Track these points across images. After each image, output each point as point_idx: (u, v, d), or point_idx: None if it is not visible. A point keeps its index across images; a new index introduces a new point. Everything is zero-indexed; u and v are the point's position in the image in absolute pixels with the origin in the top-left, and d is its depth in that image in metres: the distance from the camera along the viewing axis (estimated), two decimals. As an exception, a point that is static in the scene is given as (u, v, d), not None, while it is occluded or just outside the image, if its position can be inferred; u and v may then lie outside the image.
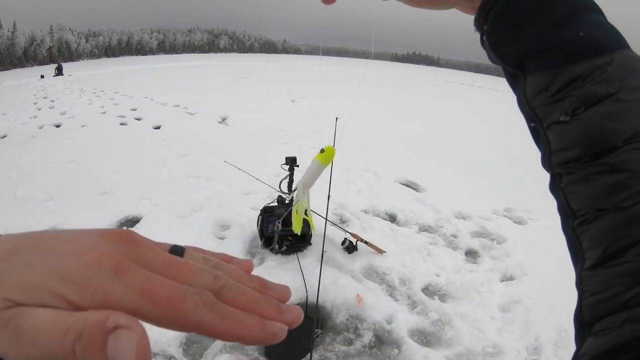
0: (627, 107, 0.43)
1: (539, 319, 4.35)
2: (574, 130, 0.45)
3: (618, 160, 0.43)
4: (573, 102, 0.45)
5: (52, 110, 15.08)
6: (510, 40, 0.49)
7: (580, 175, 0.46)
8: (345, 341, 4.06)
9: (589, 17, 0.46)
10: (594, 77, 0.44)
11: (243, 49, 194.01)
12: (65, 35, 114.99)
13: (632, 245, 0.41)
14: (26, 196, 6.76)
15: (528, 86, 0.49)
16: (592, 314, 0.44)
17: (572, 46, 0.45)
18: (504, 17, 0.48)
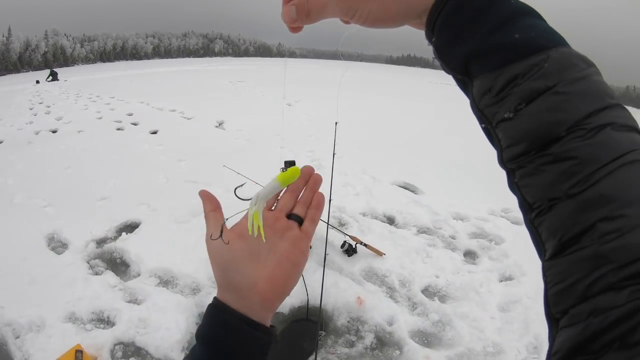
0: (566, 99, 0.45)
1: (539, 318, 4.36)
2: (518, 125, 0.48)
3: (563, 149, 0.45)
4: (515, 99, 0.47)
5: (48, 115, 15.03)
6: (453, 49, 0.52)
7: (530, 168, 0.48)
8: (347, 343, 4.07)
9: (524, 20, 0.49)
10: (532, 74, 0.46)
11: (238, 53, 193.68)
12: (60, 40, 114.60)
13: (586, 230, 0.43)
14: (24, 202, 6.75)
15: (475, 89, 0.52)
16: (557, 305, 0.45)
17: (509, 48, 0.48)
18: (446, 28, 0.51)
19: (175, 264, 4.93)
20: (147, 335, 3.97)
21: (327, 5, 0.57)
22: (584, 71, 0.47)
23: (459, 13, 0.50)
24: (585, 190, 0.43)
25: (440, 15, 0.51)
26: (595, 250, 0.41)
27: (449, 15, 0.51)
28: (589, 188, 0.43)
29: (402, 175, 8.42)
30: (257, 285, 0.66)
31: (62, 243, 5.56)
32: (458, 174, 8.66)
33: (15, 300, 4.33)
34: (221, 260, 0.68)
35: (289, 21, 0.61)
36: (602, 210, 0.42)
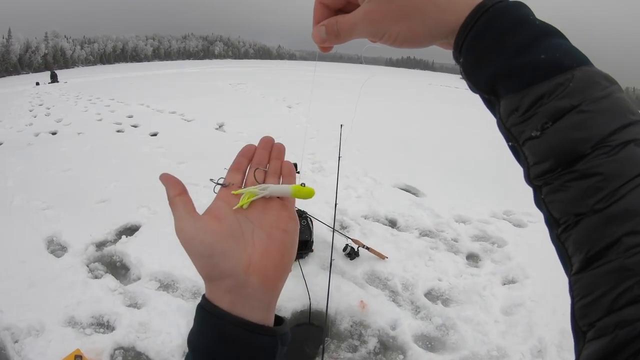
0: (591, 117, 0.46)
1: (542, 321, 4.35)
2: (545, 143, 0.49)
3: (588, 165, 0.45)
4: (541, 118, 0.48)
5: (48, 117, 15.04)
6: (480, 70, 0.53)
7: (557, 185, 0.48)
8: (350, 348, 4.04)
9: (549, 41, 0.50)
10: (557, 94, 0.47)
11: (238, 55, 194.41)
12: (60, 42, 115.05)
13: (612, 244, 0.43)
14: (23, 205, 6.73)
15: (502, 108, 0.53)
16: (584, 318, 0.45)
17: (534, 68, 0.49)
18: (473, 50, 0.52)
19: (176, 267, 4.89)
20: (148, 339, 3.94)
21: (356, 27, 0.59)
22: (607, 89, 0.48)
23: (486, 35, 0.51)
24: (611, 205, 0.44)
25: (467, 38, 0.53)
26: (621, 264, 0.42)
27: (476, 38, 0.52)
28: (614, 203, 0.44)
29: (403, 178, 8.41)
30: (252, 265, 0.58)
31: (61, 246, 5.53)
32: (460, 177, 8.64)
33: (14, 304, 4.30)
34: (202, 247, 0.58)
35: (319, 41, 0.64)
36: (627, 225, 0.42)
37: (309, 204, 6.00)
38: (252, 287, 0.58)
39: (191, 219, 0.61)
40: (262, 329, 0.57)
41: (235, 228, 0.61)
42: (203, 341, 0.56)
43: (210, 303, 0.58)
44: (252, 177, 0.70)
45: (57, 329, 4.03)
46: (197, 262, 0.60)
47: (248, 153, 0.74)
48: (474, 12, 0.52)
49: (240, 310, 0.57)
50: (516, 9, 0.51)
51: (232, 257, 0.58)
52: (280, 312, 4.31)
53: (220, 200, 0.66)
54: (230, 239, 0.60)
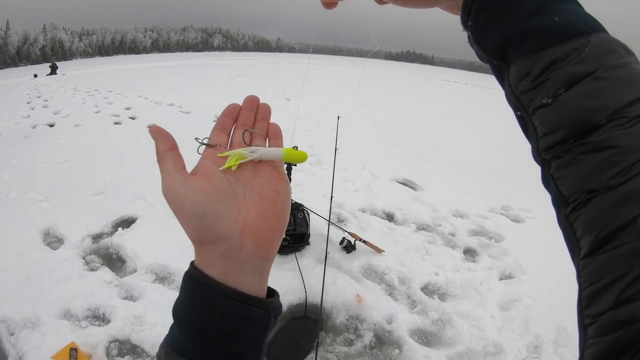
0: (606, 84, 0.43)
1: (539, 317, 4.35)
2: (557, 111, 0.45)
3: (603, 137, 0.42)
4: (554, 84, 0.45)
5: (45, 109, 14.98)
6: (490, 33, 0.50)
7: (568, 158, 0.45)
8: (346, 342, 4.04)
9: (563, 5, 0.47)
10: (572, 59, 0.44)
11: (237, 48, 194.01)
12: (58, 34, 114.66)
13: (627, 225, 0.39)
14: (20, 197, 6.70)
15: (511, 75, 0.50)
16: (589, 308, 0.41)
17: (548, 31, 0.46)
18: (483, 11, 0.50)
19: (172, 260, 4.88)
20: (143, 332, 3.93)
21: None
22: (624, 58, 0.45)
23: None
24: (626, 182, 0.41)
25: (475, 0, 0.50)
26: (635, 247, 0.38)
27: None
28: (630, 180, 0.40)
29: (401, 172, 8.40)
30: (247, 227, 0.55)
31: (57, 238, 5.52)
32: (458, 171, 8.64)
33: (9, 297, 4.29)
34: (194, 207, 0.53)
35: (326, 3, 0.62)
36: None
37: (306, 197, 5.99)
38: (248, 251, 0.54)
39: (181, 177, 0.57)
40: (255, 301, 0.53)
41: (227, 188, 0.57)
42: (191, 313, 0.52)
43: (201, 272, 0.53)
44: (239, 138, 0.65)
45: (53, 321, 4.02)
46: (187, 225, 0.55)
47: (232, 113, 0.69)
48: None
49: (234, 278, 0.53)
50: None
51: (226, 218, 0.54)
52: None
53: (207, 160, 0.63)
54: (224, 199, 0.56)
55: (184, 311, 0.53)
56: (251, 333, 0.53)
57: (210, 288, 0.52)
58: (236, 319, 0.52)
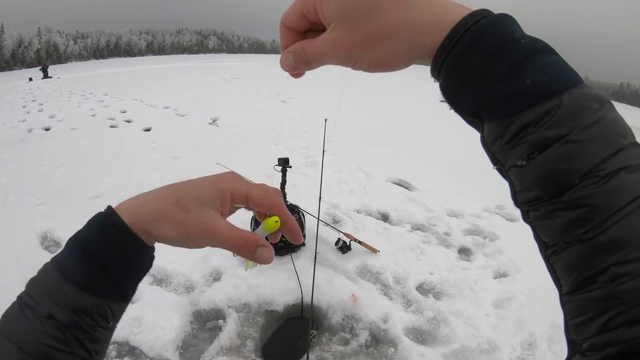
0: (579, 147, 0.44)
1: (533, 315, 4.39)
2: (531, 173, 0.47)
3: (576, 196, 0.44)
4: (527, 148, 0.46)
5: (41, 113, 14.99)
6: (461, 95, 0.50)
7: (544, 212, 0.48)
8: (342, 341, 4.07)
9: (536, 61, 0.46)
10: (544, 122, 0.45)
11: (232, 50, 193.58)
12: (53, 37, 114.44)
13: (599, 273, 0.43)
14: (17, 201, 6.72)
15: (485, 133, 0.51)
16: (578, 335, 0.47)
17: (520, 95, 0.46)
18: (453, 75, 0.49)
19: (169, 262, 4.91)
20: (141, 334, 3.96)
21: (325, 55, 0.56)
22: (598, 113, 0.46)
23: (467, 59, 0.48)
24: (599, 235, 0.44)
25: (444, 63, 0.49)
26: (609, 292, 0.43)
27: (456, 61, 0.48)
28: (602, 233, 0.43)
29: (396, 172, 8.43)
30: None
31: (55, 242, 5.54)
32: (452, 171, 8.66)
33: (8, 301, 4.27)
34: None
35: (288, 69, 0.61)
36: (615, 255, 0.43)
37: (301, 198, 6.02)
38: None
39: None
40: (149, 250, 0.61)
41: None
42: (98, 249, 0.56)
43: (118, 217, 0.58)
44: None
45: (52, 324, 4.04)
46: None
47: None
48: (451, 35, 0.48)
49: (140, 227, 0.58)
50: (498, 27, 0.47)
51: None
52: (273, 306, 4.37)
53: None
54: None
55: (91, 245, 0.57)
56: (139, 276, 0.62)
57: (124, 235, 0.57)
58: (134, 264, 0.59)
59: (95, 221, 0.59)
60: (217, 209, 0.61)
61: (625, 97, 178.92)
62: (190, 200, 0.59)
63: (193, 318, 4.25)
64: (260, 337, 4.05)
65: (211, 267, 4.90)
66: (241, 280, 4.61)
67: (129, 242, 0.57)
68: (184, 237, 0.58)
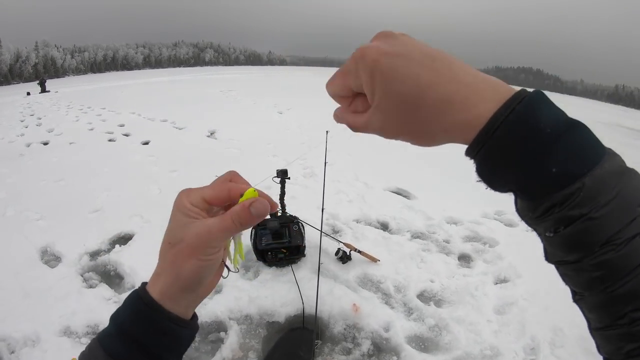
0: (599, 223, 0.50)
1: (535, 319, 4.39)
2: (558, 242, 0.54)
3: (596, 261, 0.51)
4: (554, 224, 0.53)
5: (39, 127, 14.99)
6: (495, 180, 0.55)
7: (569, 269, 0.55)
8: (344, 351, 4.06)
9: (561, 145, 0.50)
10: (569, 203, 0.50)
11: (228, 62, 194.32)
12: (50, 51, 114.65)
13: (620, 317, 0.52)
14: (16, 216, 6.72)
15: (519, 206, 0.58)
16: (609, 356, 0.56)
17: (547, 182, 0.51)
18: (489, 161, 0.53)
19: (170, 274, 4.89)
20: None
21: (369, 131, 0.63)
22: (616, 188, 0.50)
23: (500, 152, 0.52)
24: (617, 289, 0.51)
25: (480, 152, 0.53)
26: (627, 331, 0.51)
27: (490, 153, 0.53)
28: (620, 287, 0.51)
29: (394, 181, 8.45)
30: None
31: (55, 256, 5.53)
32: (450, 178, 8.67)
33: (9, 315, 4.30)
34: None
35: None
36: (631, 304, 0.50)
37: (301, 209, 6.03)
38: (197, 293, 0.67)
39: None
40: (186, 323, 0.66)
41: None
42: (135, 328, 0.62)
43: (149, 296, 0.63)
44: None
45: (53, 339, 4.03)
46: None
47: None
48: (485, 133, 0.52)
49: (171, 305, 0.63)
50: (527, 118, 0.51)
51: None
52: (274, 317, 4.35)
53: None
54: None
55: (127, 323, 0.63)
56: (180, 349, 0.67)
57: (155, 312, 0.63)
58: (172, 339, 0.64)
59: (129, 300, 0.65)
60: (198, 216, 0.65)
61: (621, 98, 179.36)
62: (176, 232, 0.64)
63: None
64: (263, 349, 4.04)
65: (212, 279, 4.89)
66: (242, 291, 4.60)
67: (161, 318, 0.63)
68: (200, 265, 0.63)
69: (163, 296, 0.63)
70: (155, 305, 0.62)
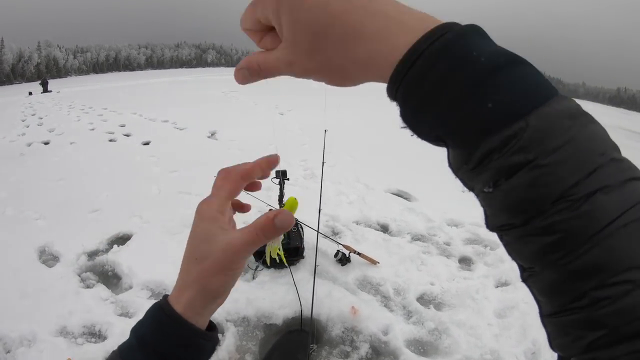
0: (548, 171, 0.41)
1: (536, 323, 4.30)
2: (499, 199, 0.44)
3: (548, 222, 0.41)
4: (493, 175, 0.43)
5: (40, 127, 15.03)
6: (420, 122, 0.47)
7: (516, 237, 0.44)
8: (342, 354, 4.03)
9: (498, 80, 0.42)
10: (510, 148, 0.41)
11: (231, 63, 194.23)
12: (53, 51, 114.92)
13: (576, 299, 0.41)
14: (16, 215, 6.71)
15: (451, 159, 0.48)
16: (563, 352, 0.45)
17: (481, 121, 0.42)
18: (409, 100, 0.45)
19: (168, 276, 4.87)
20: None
21: (281, 72, 0.55)
22: (569, 131, 0.41)
23: (421, 84, 0.44)
24: (574, 261, 0.41)
25: (400, 88, 0.45)
26: (588, 316, 0.41)
27: (410, 87, 0.44)
28: (577, 259, 0.41)
29: (395, 183, 8.42)
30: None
31: (53, 256, 5.51)
32: (451, 180, 8.46)
33: (6, 315, 4.29)
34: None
35: (242, 82, 0.61)
36: (593, 280, 0.40)
37: (300, 210, 5.98)
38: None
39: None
40: (208, 336, 0.64)
41: None
42: (157, 340, 0.60)
43: (171, 307, 0.61)
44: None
45: (49, 339, 4.02)
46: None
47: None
48: (402, 64, 0.45)
49: (193, 317, 0.61)
50: (453, 48, 0.43)
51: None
52: (272, 319, 4.32)
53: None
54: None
55: (149, 336, 0.61)
56: (203, 359, 0.65)
57: (178, 324, 0.60)
58: (195, 350, 0.62)
59: (151, 312, 0.64)
60: (224, 226, 0.63)
61: (623, 101, 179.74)
62: (201, 246, 0.61)
63: (192, 332, 4.20)
64: (260, 351, 4.01)
65: (210, 280, 4.87)
66: (240, 293, 4.57)
67: (185, 331, 0.61)
68: (227, 280, 0.62)
69: (187, 310, 0.61)
70: (179, 318, 0.60)
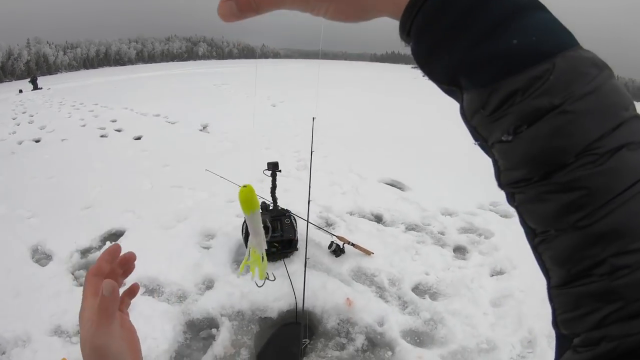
0: (574, 119, 0.38)
1: (532, 312, 4.34)
2: (518, 149, 0.41)
3: (570, 177, 0.39)
4: (514, 120, 0.40)
5: (31, 125, 14.94)
6: (435, 59, 0.43)
7: (533, 195, 0.42)
8: (338, 346, 4.02)
9: (524, 19, 0.40)
10: (534, 90, 0.38)
11: (222, 56, 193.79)
12: (42, 48, 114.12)
13: (595, 266, 0.39)
14: (7, 214, 6.66)
15: (465, 104, 0.44)
16: (569, 329, 0.42)
17: (505, 58, 0.39)
18: (425, 35, 0.43)
19: (161, 271, 4.85)
20: (134, 345, 3.89)
21: (283, 2, 0.48)
22: (595, 80, 0.39)
23: (441, 16, 0.41)
24: (595, 223, 0.38)
25: (416, 19, 0.42)
26: (607, 286, 0.38)
27: (428, 18, 0.42)
28: (599, 220, 0.38)
29: (389, 173, 8.39)
30: None
31: (46, 254, 5.48)
32: (445, 169, 8.64)
33: (0, 315, 4.26)
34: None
35: (229, 19, 0.49)
36: (614, 245, 0.38)
37: (294, 201, 5.98)
38: None
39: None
40: None
41: None
42: None
43: None
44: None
45: (44, 338, 3.99)
46: None
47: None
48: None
49: None
50: None
51: None
52: (267, 313, 4.32)
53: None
54: None
55: None
56: None
57: None
58: None
59: None
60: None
61: (631, 94, 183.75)
62: None
63: (186, 328, 4.18)
64: (255, 345, 4.00)
65: (203, 275, 4.85)
66: (234, 287, 4.56)
67: None
68: None
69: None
70: None
